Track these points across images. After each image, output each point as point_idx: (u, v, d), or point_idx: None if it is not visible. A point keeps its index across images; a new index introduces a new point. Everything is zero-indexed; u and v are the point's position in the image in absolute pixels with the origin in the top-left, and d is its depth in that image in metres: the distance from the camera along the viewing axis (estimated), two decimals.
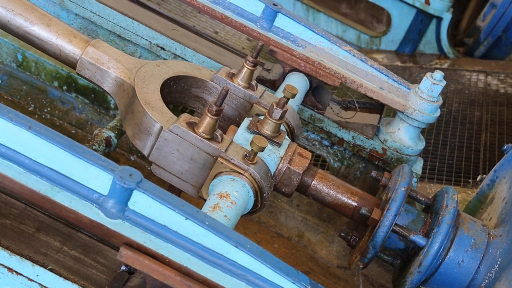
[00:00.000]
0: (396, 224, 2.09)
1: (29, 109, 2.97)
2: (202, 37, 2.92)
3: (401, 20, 4.71)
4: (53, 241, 1.74)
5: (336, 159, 2.84)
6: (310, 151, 3.28)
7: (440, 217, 2.09)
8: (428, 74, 2.57)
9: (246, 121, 2.06)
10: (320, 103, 2.65)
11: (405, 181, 2.12)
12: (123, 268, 1.58)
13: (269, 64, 2.72)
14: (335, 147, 2.82)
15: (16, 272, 1.58)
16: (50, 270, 1.59)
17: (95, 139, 2.43)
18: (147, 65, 2.07)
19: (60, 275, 1.59)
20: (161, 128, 1.86)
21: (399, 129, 2.65)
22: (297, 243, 2.89)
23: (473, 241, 2.10)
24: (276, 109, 2.00)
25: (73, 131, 2.97)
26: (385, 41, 4.83)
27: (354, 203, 2.16)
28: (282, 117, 2.02)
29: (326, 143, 2.82)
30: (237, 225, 2.93)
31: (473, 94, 4.18)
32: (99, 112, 2.95)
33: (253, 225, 2.91)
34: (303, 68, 2.55)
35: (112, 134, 2.44)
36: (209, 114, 1.84)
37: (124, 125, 1.99)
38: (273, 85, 2.59)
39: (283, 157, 2.04)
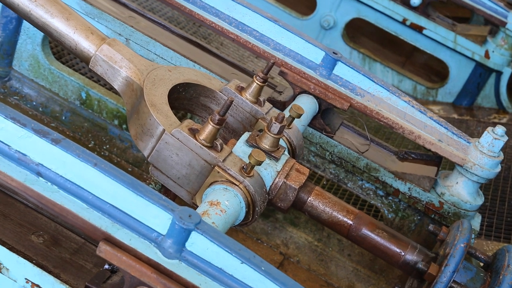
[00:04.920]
0: (454, 281, 2.03)
1: (89, 145, 3.05)
2: None
3: (459, 73, 4.67)
4: None
5: (391, 210, 2.79)
6: (363, 200, 3.26)
7: (501, 277, 2.02)
8: (489, 128, 2.52)
9: (245, 135, 2.06)
10: (329, 126, 2.64)
11: (464, 237, 2.07)
12: (106, 266, 1.59)
13: (282, 86, 2.73)
14: (390, 197, 2.77)
15: None
16: None
17: (151, 178, 2.47)
18: (159, 68, 2.10)
19: None
20: (163, 131, 1.88)
21: (457, 183, 2.59)
22: None
23: None
24: (275, 123, 2.00)
25: (129, 169, 3.02)
26: (442, 93, 4.79)
27: (350, 222, 2.14)
28: (280, 131, 2.01)
29: (381, 193, 2.78)
30: (286, 272, 2.91)
31: None
32: None
33: (302, 272, 2.87)
34: (312, 90, 2.55)
35: None
36: (211, 123, 1.85)
37: (129, 125, 2.02)
38: (283, 106, 2.59)
39: (280, 171, 2.03)
